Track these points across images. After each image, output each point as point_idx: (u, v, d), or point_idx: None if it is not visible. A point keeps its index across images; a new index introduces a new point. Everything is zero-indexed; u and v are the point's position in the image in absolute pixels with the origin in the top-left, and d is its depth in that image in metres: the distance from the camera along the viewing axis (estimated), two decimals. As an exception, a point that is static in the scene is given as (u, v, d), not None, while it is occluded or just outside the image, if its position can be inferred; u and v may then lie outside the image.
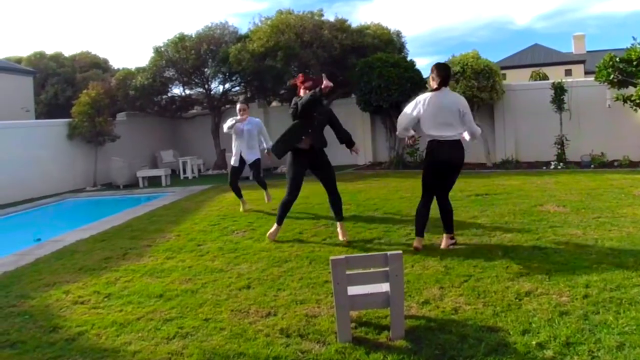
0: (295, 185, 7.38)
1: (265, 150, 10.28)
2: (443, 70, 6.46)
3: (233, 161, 10.15)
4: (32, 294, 5.79)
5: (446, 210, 6.63)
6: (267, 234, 7.61)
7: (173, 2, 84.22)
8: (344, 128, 7.68)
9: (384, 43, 19.12)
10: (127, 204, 13.17)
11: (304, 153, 7.26)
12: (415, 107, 6.46)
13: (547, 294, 4.75)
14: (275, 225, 7.61)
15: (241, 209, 10.03)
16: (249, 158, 10.08)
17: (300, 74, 7.93)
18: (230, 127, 9.94)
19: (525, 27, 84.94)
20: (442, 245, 6.55)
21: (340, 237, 7.28)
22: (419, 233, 6.59)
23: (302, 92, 7.35)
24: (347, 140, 7.63)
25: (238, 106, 10.16)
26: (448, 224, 6.65)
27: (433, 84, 6.49)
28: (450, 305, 4.65)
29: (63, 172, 17.02)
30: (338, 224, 7.44)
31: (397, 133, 6.80)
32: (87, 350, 4.24)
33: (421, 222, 6.60)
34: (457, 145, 6.43)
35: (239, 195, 10.18)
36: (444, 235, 6.67)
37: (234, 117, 9.96)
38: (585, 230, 6.99)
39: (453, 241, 6.66)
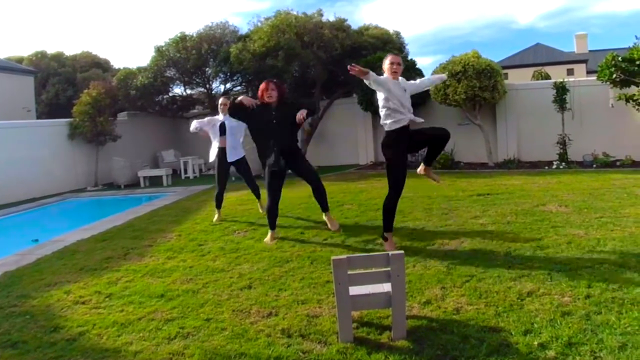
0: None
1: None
2: None
3: (217, 164, 9.50)
4: (34, 294, 5.81)
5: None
6: (264, 241, 7.58)
7: (174, 2, 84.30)
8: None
9: (383, 42, 19.13)
10: (129, 203, 13.19)
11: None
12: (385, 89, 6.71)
13: (549, 294, 4.75)
14: (270, 232, 7.66)
15: (214, 218, 9.44)
16: (233, 158, 9.35)
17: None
18: (197, 129, 9.53)
19: (527, 26, 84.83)
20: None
21: (331, 228, 7.55)
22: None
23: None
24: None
25: (221, 100, 9.44)
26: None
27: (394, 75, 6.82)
28: (452, 305, 4.65)
29: (64, 172, 17.05)
30: (325, 214, 7.68)
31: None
32: (88, 350, 4.25)
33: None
34: None
35: (219, 205, 9.56)
36: None
37: (199, 120, 9.55)
38: (587, 231, 6.98)
39: None
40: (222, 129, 9.25)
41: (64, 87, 26.09)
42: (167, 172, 17.59)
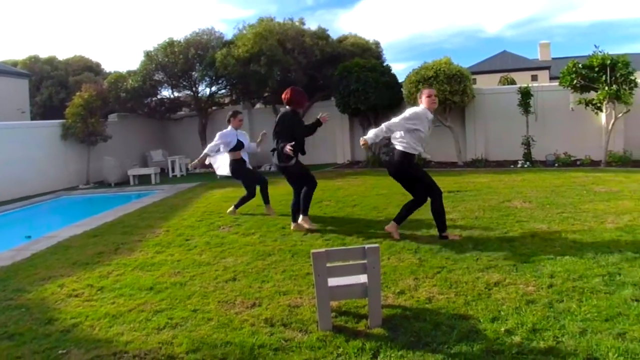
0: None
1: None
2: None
3: (245, 170, 9.30)
4: (29, 288, 5.73)
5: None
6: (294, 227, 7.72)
7: (163, 8, 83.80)
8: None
9: (362, 50, 19.19)
10: (119, 201, 13.07)
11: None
12: (421, 123, 6.49)
13: (515, 284, 4.80)
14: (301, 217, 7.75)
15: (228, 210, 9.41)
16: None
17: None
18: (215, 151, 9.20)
19: (495, 35, 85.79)
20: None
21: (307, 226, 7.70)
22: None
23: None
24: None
25: (240, 116, 9.34)
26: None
27: (433, 105, 6.59)
28: (424, 295, 4.68)
29: (57, 171, 16.84)
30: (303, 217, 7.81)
31: (374, 133, 6.52)
32: (81, 341, 4.20)
33: None
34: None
35: (267, 200, 9.41)
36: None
37: (215, 145, 9.06)
38: (549, 225, 7.06)
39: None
40: (239, 144, 9.10)
41: (57, 89, 25.82)
42: (155, 171, 17.46)
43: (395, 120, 6.50)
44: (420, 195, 6.71)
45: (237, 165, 9.11)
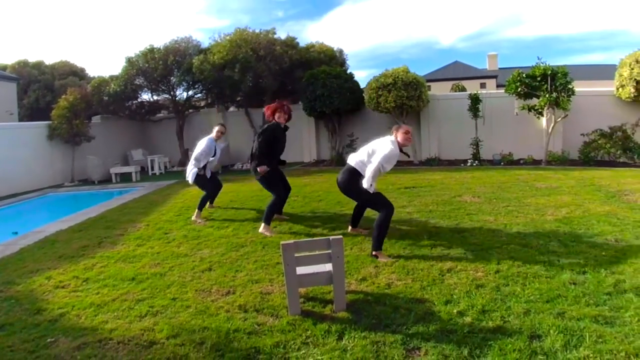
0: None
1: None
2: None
3: (206, 178, 8.77)
4: (18, 280, 5.60)
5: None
6: (261, 232, 7.10)
7: (144, 18, 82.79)
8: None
9: (329, 58, 19.21)
10: (102, 197, 12.83)
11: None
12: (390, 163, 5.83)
13: (466, 270, 4.87)
14: (263, 225, 7.16)
15: (195, 216, 8.61)
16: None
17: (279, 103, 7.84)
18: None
19: (448, 46, 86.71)
20: None
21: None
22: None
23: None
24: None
25: (221, 128, 8.83)
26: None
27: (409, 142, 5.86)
28: (384, 281, 4.72)
29: (44, 170, 16.45)
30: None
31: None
32: (68, 329, 4.13)
33: None
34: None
35: (204, 205, 8.90)
36: None
37: (204, 155, 8.57)
38: (496, 217, 7.17)
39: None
40: (215, 154, 8.82)
41: (43, 92, 25.24)
42: (136, 169, 17.21)
43: (377, 161, 5.66)
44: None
45: (202, 176, 8.73)
